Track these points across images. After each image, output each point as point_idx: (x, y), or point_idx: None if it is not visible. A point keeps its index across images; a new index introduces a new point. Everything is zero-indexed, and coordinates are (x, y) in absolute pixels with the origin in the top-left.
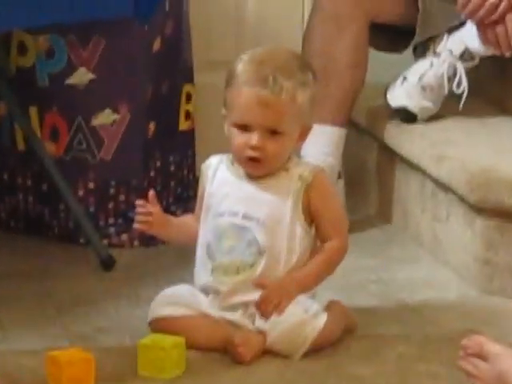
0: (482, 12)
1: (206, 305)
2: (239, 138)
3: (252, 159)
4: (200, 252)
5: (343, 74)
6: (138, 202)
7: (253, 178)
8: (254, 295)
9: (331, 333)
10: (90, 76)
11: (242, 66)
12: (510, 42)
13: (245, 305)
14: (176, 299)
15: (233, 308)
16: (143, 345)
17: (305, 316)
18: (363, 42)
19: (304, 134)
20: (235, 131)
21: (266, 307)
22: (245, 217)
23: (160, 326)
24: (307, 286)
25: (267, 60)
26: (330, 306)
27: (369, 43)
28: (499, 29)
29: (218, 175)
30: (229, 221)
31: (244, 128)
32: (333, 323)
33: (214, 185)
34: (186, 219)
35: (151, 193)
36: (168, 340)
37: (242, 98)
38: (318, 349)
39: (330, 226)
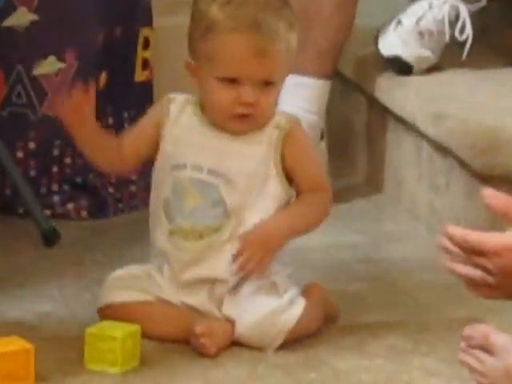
0: None
1: (165, 287)
2: (225, 94)
3: (242, 115)
4: (155, 207)
5: (329, 16)
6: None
7: (224, 130)
8: (220, 269)
9: (310, 321)
10: (32, 17)
11: (218, 9)
12: None
13: (210, 282)
14: (129, 282)
15: (195, 286)
16: (91, 334)
17: (279, 302)
18: None
19: (284, 80)
20: (218, 85)
21: (246, 263)
22: (210, 172)
23: (111, 313)
24: (295, 231)
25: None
26: (307, 290)
27: None
28: None
29: (183, 119)
30: (191, 176)
31: (230, 81)
32: (312, 310)
33: (175, 128)
34: (109, 140)
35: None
36: (120, 328)
37: (231, 47)
38: (294, 340)
39: (310, 181)
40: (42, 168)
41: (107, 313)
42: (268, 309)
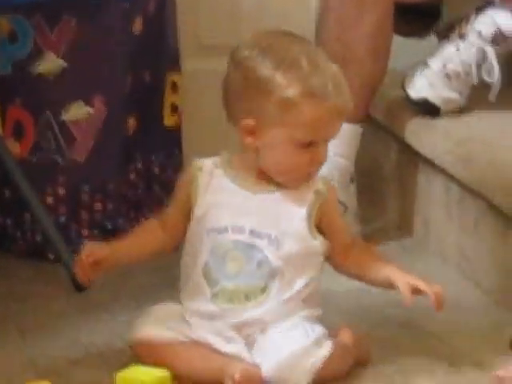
0: None
1: (199, 328)
2: (303, 156)
3: (311, 173)
4: (192, 274)
5: (362, 64)
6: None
7: (258, 186)
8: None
9: (338, 365)
10: (60, 63)
11: (283, 74)
12: None
13: (246, 327)
14: (165, 318)
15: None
16: (122, 378)
17: (306, 342)
18: (387, 26)
19: None
20: (295, 149)
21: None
22: (253, 233)
23: (144, 349)
24: None
25: (299, 57)
26: (337, 333)
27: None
28: None
29: (214, 182)
30: (233, 239)
31: (307, 144)
32: (341, 353)
33: (208, 194)
34: (145, 233)
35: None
36: (151, 373)
37: (312, 112)
38: (322, 383)
39: (347, 238)
40: (72, 213)
41: (140, 348)
42: (294, 349)
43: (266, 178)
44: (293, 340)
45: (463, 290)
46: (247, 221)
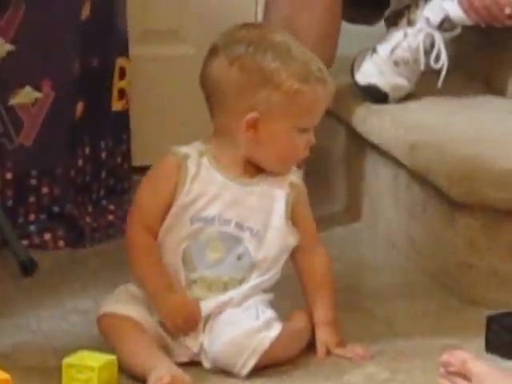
0: None
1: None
2: (300, 140)
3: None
4: (169, 257)
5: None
6: None
7: (244, 179)
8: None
9: (287, 347)
10: (8, 47)
11: (283, 65)
12: (490, 9)
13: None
14: (131, 300)
15: None
16: (68, 364)
17: (255, 324)
18: (337, 11)
19: None
20: (295, 135)
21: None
22: (237, 225)
23: (107, 323)
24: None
25: (289, 45)
26: (293, 317)
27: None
28: None
29: (203, 172)
30: (219, 230)
31: (304, 129)
32: (291, 336)
33: (196, 182)
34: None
35: None
36: (97, 358)
37: (318, 97)
38: (269, 365)
39: (312, 234)
40: (19, 198)
41: (104, 322)
42: (242, 330)
43: (252, 170)
44: (242, 322)
45: (411, 275)
46: (234, 214)
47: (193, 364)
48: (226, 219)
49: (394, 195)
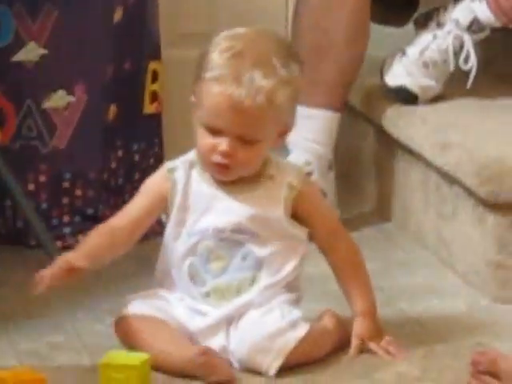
0: None
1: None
2: (206, 140)
3: (219, 165)
4: (177, 275)
5: (340, 51)
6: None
7: (235, 189)
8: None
9: (314, 347)
10: (41, 52)
11: (216, 56)
12: None
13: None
14: (153, 299)
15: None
16: (106, 364)
17: (280, 324)
18: (364, 14)
19: (284, 133)
20: (202, 131)
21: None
22: (234, 231)
23: (126, 324)
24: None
25: (246, 51)
26: (322, 317)
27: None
28: None
29: (194, 186)
30: (215, 239)
31: (214, 131)
32: (319, 336)
33: (187, 197)
34: (106, 232)
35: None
36: (134, 358)
37: (212, 96)
38: (297, 364)
39: (332, 227)
40: (53, 200)
41: (121, 324)
42: (268, 331)
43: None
44: (267, 322)
45: (441, 274)
46: (227, 222)
47: None
48: (220, 228)
49: (424, 195)
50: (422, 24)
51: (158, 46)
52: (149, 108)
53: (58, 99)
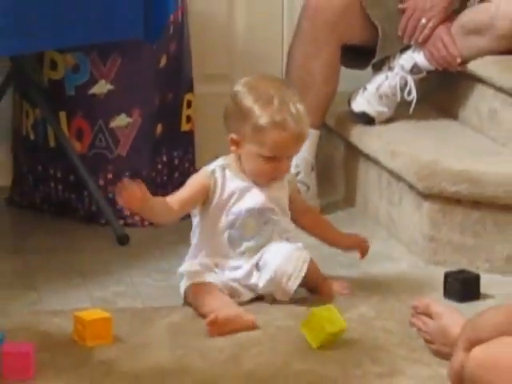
0: (416, 34)
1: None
2: (267, 166)
3: (274, 178)
4: (219, 243)
5: (319, 87)
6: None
7: (263, 185)
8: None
9: (317, 269)
10: (109, 87)
11: (261, 109)
12: (446, 59)
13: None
14: (206, 270)
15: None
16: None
17: (295, 245)
18: (336, 60)
19: None
20: (260, 159)
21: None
22: (259, 209)
23: (197, 290)
24: None
25: (280, 94)
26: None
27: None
28: (436, 47)
29: (228, 183)
30: (247, 216)
31: (273, 158)
32: (315, 265)
33: (226, 190)
34: (167, 201)
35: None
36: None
37: (278, 139)
38: (309, 285)
39: (305, 205)
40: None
41: (194, 289)
42: (287, 252)
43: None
44: (283, 249)
45: (391, 245)
46: (256, 203)
47: (257, 300)
48: (251, 208)
49: (378, 189)
50: (378, 68)
51: (192, 82)
52: (185, 127)
53: (120, 120)
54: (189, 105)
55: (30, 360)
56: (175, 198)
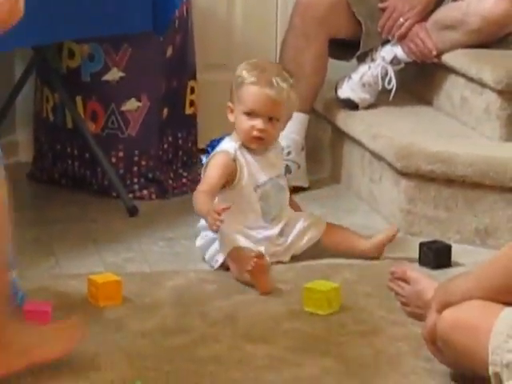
0: (394, 31)
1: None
2: (247, 123)
3: (257, 138)
4: (253, 215)
5: (309, 77)
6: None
7: (262, 154)
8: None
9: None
10: (120, 74)
11: (247, 72)
12: (423, 52)
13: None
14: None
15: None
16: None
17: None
18: (324, 52)
19: (288, 120)
20: (243, 118)
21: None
22: (273, 178)
23: (237, 254)
24: None
25: (268, 68)
26: None
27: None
28: (414, 42)
29: (247, 159)
30: (269, 186)
31: (250, 115)
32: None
33: (245, 168)
34: (209, 194)
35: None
36: (327, 285)
37: (252, 94)
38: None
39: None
40: (127, 168)
41: (233, 253)
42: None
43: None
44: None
45: (372, 218)
46: (269, 174)
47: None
48: (270, 178)
49: (361, 168)
50: (362, 59)
51: (195, 71)
52: (188, 110)
53: (131, 104)
54: (192, 91)
55: (48, 317)
56: (209, 188)
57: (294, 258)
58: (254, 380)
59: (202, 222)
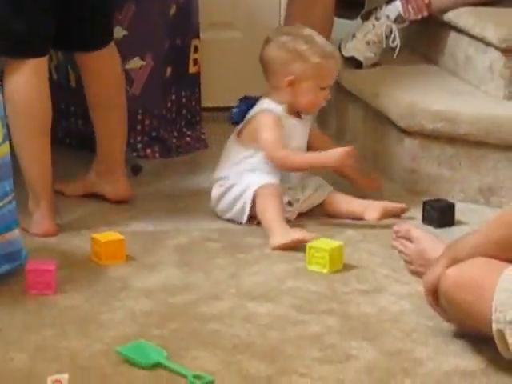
0: None
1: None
2: (321, 96)
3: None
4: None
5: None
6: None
7: (304, 118)
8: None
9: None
10: (124, 33)
11: (310, 47)
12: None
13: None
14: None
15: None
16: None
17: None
18: (331, 10)
19: None
20: (317, 91)
21: None
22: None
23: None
24: None
25: (318, 39)
26: None
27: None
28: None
29: (285, 123)
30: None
31: (325, 88)
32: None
33: (285, 129)
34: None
35: None
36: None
37: (330, 70)
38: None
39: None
40: (131, 127)
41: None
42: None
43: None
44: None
45: (376, 177)
46: (304, 138)
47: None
48: (304, 142)
49: (364, 126)
50: (366, 18)
51: (198, 29)
52: (192, 69)
53: (134, 63)
54: (196, 49)
55: (52, 276)
56: (282, 145)
57: (298, 217)
58: (258, 337)
59: (218, 171)
